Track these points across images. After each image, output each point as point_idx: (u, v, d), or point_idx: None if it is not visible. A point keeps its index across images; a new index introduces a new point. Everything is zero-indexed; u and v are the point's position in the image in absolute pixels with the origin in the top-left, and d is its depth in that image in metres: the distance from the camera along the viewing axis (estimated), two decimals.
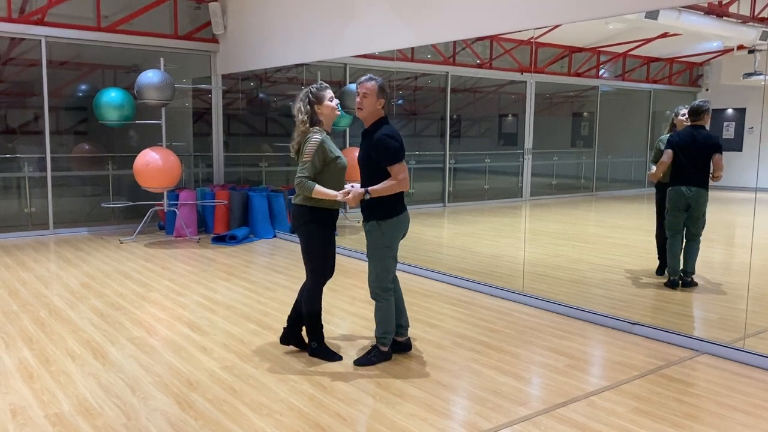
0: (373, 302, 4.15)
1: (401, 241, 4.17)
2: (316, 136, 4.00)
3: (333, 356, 4.19)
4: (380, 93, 3.96)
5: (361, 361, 4.09)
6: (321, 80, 4.35)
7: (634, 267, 6.94)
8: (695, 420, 3.36)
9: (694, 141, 5.73)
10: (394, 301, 4.18)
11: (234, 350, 4.34)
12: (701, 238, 5.85)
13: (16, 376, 3.86)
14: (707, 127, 5.79)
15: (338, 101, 4.19)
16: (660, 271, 6.26)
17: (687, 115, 5.87)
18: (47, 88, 8.63)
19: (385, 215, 3.99)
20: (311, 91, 4.08)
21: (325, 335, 4.28)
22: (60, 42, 8.78)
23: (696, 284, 5.90)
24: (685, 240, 5.88)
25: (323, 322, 4.25)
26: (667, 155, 5.83)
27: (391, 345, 4.20)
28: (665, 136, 6.18)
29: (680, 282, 5.87)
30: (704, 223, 5.83)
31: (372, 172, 3.98)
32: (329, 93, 4.13)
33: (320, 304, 4.25)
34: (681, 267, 5.90)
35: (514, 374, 3.97)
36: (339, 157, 4.08)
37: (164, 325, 4.91)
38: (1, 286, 6.05)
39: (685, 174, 5.77)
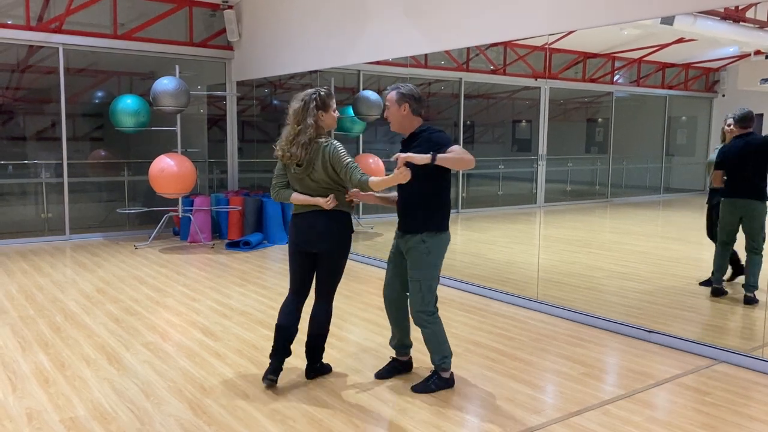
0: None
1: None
2: (335, 142, 3.70)
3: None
4: (401, 99, 3.70)
5: (419, 388, 3.78)
6: (325, 87, 4.01)
7: (650, 274, 6.87)
8: (712, 430, 3.32)
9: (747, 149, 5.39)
10: (407, 316, 3.89)
11: (248, 356, 4.35)
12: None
13: (32, 380, 3.90)
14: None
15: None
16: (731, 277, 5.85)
17: (735, 125, 5.48)
18: (65, 94, 8.74)
19: (435, 228, 3.69)
20: (319, 95, 3.70)
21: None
22: (77, 49, 8.89)
23: (757, 300, 5.38)
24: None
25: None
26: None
27: (395, 367, 4.01)
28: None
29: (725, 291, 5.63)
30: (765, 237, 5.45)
31: (415, 180, 3.51)
32: (334, 103, 3.82)
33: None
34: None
35: (529, 382, 3.94)
36: None
37: (178, 330, 4.94)
38: (18, 290, 6.12)
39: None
